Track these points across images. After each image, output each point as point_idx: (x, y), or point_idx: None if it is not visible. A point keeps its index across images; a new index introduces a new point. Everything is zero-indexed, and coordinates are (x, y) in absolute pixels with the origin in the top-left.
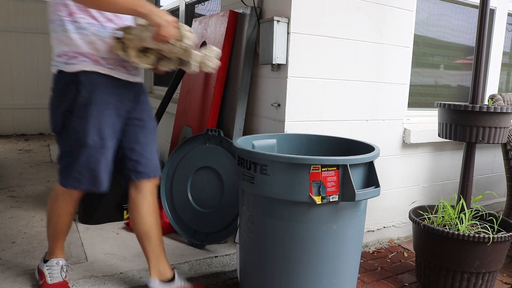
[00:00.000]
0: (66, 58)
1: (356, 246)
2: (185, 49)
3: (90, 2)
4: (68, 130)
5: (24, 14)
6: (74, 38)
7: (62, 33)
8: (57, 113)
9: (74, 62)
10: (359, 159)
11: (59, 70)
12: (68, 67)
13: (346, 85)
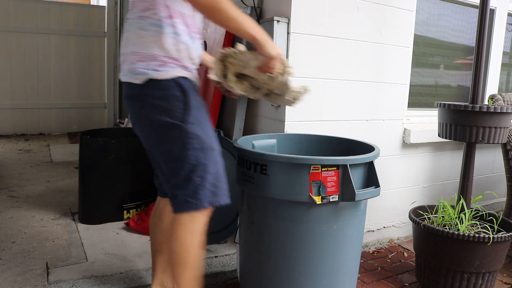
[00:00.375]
0: (157, 64)
1: (356, 246)
2: (284, 84)
3: (213, 13)
4: (187, 142)
5: (24, 14)
6: (168, 42)
7: (155, 33)
8: (160, 126)
9: (166, 69)
10: (359, 159)
11: (149, 79)
12: (161, 74)
13: (346, 85)
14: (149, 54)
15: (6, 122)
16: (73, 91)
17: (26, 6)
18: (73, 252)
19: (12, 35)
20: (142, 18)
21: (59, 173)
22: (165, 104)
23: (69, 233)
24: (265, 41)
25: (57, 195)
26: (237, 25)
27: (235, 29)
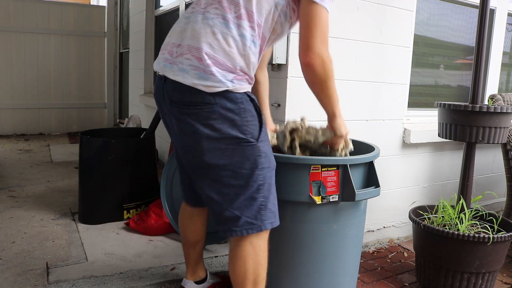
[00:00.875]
0: (233, 77)
1: (356, 246)
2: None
3: (317, 85)
4: (258, 160)
5: (24, 14)
6: (248, 55)
7: (242, 46)
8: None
9: (241, 83)
10: (359, 159)
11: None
12: (236, 87)
13: (346, 85)
14: (230, 64)
15: (6, 122)
16: (73, 91)
17: (26, 6)
18: (73, 252)
19: (12, 35)
20: (238, 26)
21: (59, 173)
22: (238, 120)
23: (69, 233)
24: (340, 121)
25: (57, 195)
26: (328, 101)
27: (324, 103)
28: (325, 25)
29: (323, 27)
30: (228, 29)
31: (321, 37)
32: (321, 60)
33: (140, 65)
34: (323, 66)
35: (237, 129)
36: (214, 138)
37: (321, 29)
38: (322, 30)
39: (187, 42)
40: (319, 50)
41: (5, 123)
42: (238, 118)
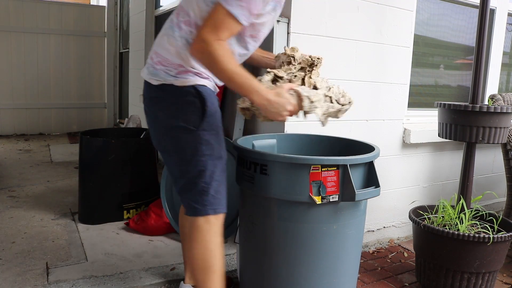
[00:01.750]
0: (177, 72)
1: (356, 246)
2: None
3: (210, 66)
4: (199, 147)
5: (24, 14)
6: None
7: (183, 46)
8: (173, 129)
9: (185, 77)
10: (359, 159)
11: (168, 83)
12: (180, 81)
13: (346, 85)
14: (172, 61)
15: (6, 122)
16: (73, 91)
17: (26, 6)
18: (73, 252)
19: (12, 35)
20: (179, 29)
21: (59, 173)
22: (182, 108)
23: (69, 233)
24: (262, 97)
25: (57, 195)
26: (232, 84)
27: (232, 87)
28: (221, 22)
29: (217, 21)
30: (172, 31)
31: (211, 27)
32: (203, 44)
33: (140, 65)
34: (206, 49)
35: (179, 119)
36: (163, 126)
37: (214, 22)
38: (215, 23)
39: (153, 47)
40: (203, 37)
41: (5, 123)
42: (180, 108)
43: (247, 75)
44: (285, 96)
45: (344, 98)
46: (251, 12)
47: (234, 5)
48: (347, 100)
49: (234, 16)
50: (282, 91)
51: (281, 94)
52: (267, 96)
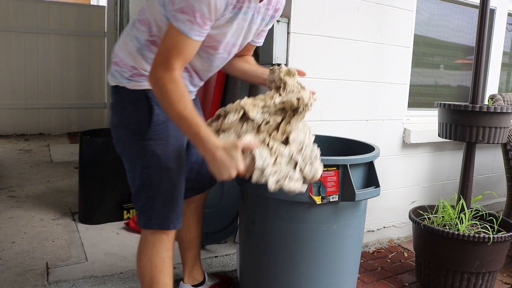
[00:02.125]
0: (129, 74)
1: (356, 246)
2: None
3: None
4: (144, 158)
5: (24, 14)
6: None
7: (136, 49)
8: (124, 134)
9: (139, 80)
10: (359, 159)
11: (122, 86)
12: (132, 84)
13: (346, 85)
14: (126, 63)
15: (6, 122)
16: (73, 91)
17: (26, 6)
18: (73, 252)
19: (12, 35)
20: (135, 28)
21: (59, 173)
22: (131, 114)
23: (69, 233)
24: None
25: (57, 195)
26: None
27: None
28: (174, 44)
29: (169, 44)
30: (130, 30)
31: (164, 55)
32: (154, 75)
33: None
34: (155, 86)
35: (129, 124)
36: (116, 130)
37: (166, 47)
38: (168, 48)
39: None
40: (155, 67)
41: (5, 123)
42: (130, 114)
43: (195, 119)
44: (234, 156)
45: (311, 167)
46: (202, 25)
47: (182, 20)
48: (312, 172)
49: (184, 34)
50: (233, 149)
51: (230, 152)
52: (214, 150)
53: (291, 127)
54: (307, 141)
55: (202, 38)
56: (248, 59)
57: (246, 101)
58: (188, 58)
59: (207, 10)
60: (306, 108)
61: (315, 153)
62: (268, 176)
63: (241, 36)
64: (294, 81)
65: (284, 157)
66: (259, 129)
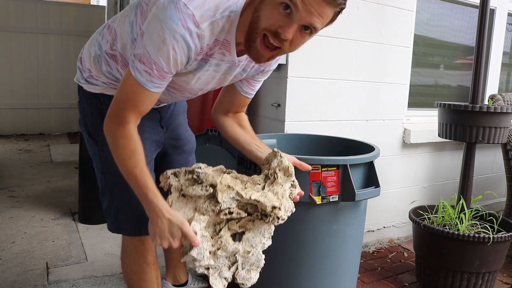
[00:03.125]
0: (87, 76)
1: (356, 246)
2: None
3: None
4: (100, 163)
5: (24, 14)
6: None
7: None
8: (85, 135)
9: (95, 84)
10: (359, 159)
11: (79, 85)
12: (88, 86)
13: (346, 85)
14: (85, 64)
15: (6, 122)
16: (73, 91)
17: (26, 6)
18: (73, 252)
19: (12, 35)
20: (101, 33)
21: (59, 173)
22: (88, 116)
23: (69, 233)
24: (150, 220)
25: (57, 195)
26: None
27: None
28: (130, 93)
29: (126, 93)
30: (97, 33)
31: (117, 106)
32: (106, 129)
33: None
34: (107, 136)
35: (87, 126)
36: (81, 128)
37: (120, 97)
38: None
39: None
40: (108, 119)
41: (5, 123)
42: (88, 116)
43: (144, 180)
44: (174, 233)
45: (246, 275)
46: (161, 78)
47: (139, 70)
48: (245, 280)
49: (141, 85)
50: (177, 228)
51: (173, 228)
52: (158, 216)
53: (252, 226)
54: (259, 247)
55: (162, 89)
56: (241, 120)
57: (225, 178)
58: (145, 110)
59: (165, 63)
60: (276, 221)
61: (259, 263)
62: (198, 264)
63: (210, 83)
64: (286, 183)
65: (226, 252)
66: (220, 212)
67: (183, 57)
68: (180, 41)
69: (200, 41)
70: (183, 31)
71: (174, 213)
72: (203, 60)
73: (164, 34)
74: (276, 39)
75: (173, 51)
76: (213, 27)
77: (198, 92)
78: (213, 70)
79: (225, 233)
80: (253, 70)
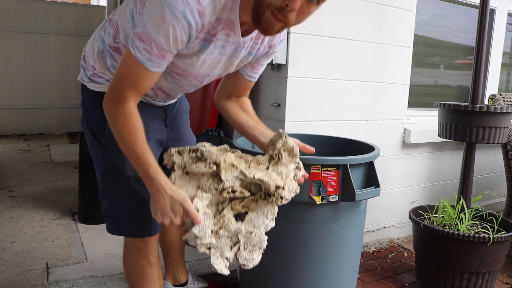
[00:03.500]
0: (91, 74)
1: (356, 246)
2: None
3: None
4: (102, 163)
5: (24, 14)
6: (104, 67)
7: (98, 50)
8: (88, 135)
9: (99, 82)
10: (359, 159)
11: (83, 84)
12: (91, 84)
13: (346, 85)
14: (89, 61)
15: (6, 122)
16: (73, 91)
17: (26, 6)
18: (73, 252)
19: (12, 35)
20: (104, 27)
21: (59, 173)
22: (92, 115)
23: (69, 233)
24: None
25: (57, 195)
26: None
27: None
28: (129, 72)
29: (125, 71)
30: (101, 29)
31: (116, 85)
32: (105, 108)
33: None
34: (107, 115)
35: (91, 126)
36: (84, 128)
37: (122, 74)
38: (124, 75)
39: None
40: (107, 97)
41: (5, 123)
42: (91, 115)
43: (145, 156)
44: (176, 210)
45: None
46: (160, 57)
47: (139, 48)
48: (247, 260)
49: (141, 63)
50: (178, 204)
51: (174, 204)
52: (160, 193)
53: (256, 206)
54: (262, 228)
55: (162, 69)
56: (244, 104)
57: (229, 157)
58: (144, 89)
59: (165, 41)
60: (279, 201)
61: (262, 244)
62: (201, 246)
63: (216, 68)
64: (290, 164)
65: (228, 232)
66: (223, 191)
67: (184, 35)
68: (180, 19)
69: (201, 18)
70: (183, 7)
71: (176, 189)
72: (206, 41)
73: (164, 12)
74: (280, 14)
75: (173, 28)
76: (214, 3)
77: (204, 79)
78: (218, 52)
79: (227, 212)
80: (258, 53)
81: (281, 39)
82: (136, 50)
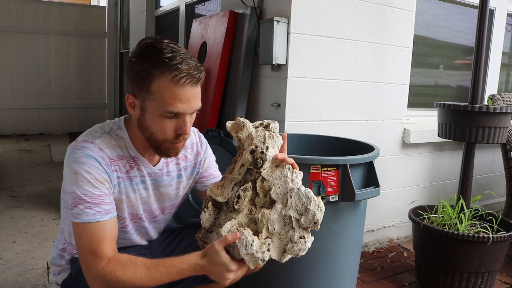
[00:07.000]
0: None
1: (356, 246)
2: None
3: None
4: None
5: (24, 14)
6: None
7: (56, 254)
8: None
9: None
10: (359, 159)
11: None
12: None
13: (346, 85)
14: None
15: (6, 122)
16: (73, 91)
17: (27, 6)
18: None
19: (12, 35)
20: (57, 238)
21: (59, 173)
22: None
23: None
24: (206, 272)
25: (58, 195)
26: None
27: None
28: (89, 241)
29: (85, 244)
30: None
31: (87, 255)
32: (95, 279)
33: None
34: (103, 284)
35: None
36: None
37: (84, 248)
38: (86, 249)
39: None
40: (88, 271)
41: (6, 123)
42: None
43: (166, 264)
44: (218, 261)
45: (308, 214)
46: (100, 203)
47: (82, 212)
48: (310, 219)
49: (93, 223)
50: (214, 254)
51: (213, 259)
52: (200, 267)
53: (268, 182)
54: (289, 186)
55: (113, 214)
56: None
57: (211, 188)
58: (113, 237)
59: (92, 188)
60: (263, 158)
61: (305, 195)
62: (264, 254)
63: (151, 202)
64: (245, 132)
65: (275, 222)
66: (238, 201)
67: (100, 172)
68: (86, 161)
69: (103, 152)
70: (82, 153)
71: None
72: (125, 180)
73: (72, 167)
74: (178, 139)
75: (87, 173)
76: (105, 142)
77: (159, 215)
78: (142, 188)
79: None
80: (189, 169)
81: (202, 143)
82: (80, 216)
